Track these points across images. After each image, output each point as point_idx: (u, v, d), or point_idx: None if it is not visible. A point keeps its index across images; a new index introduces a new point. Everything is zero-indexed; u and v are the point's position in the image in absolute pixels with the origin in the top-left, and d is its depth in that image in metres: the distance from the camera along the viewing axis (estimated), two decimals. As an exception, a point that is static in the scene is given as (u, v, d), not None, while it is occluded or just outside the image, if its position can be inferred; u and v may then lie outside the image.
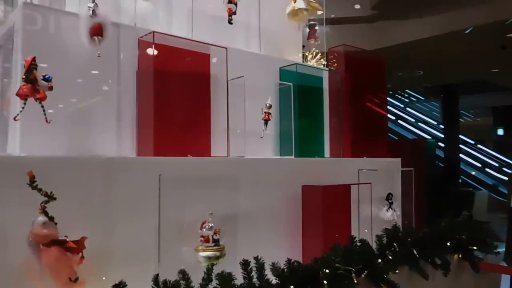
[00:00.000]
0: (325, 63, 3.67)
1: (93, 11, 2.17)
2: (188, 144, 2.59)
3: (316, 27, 3.86)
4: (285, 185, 2.79)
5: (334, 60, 3.62)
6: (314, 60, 3.68)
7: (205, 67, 2.73)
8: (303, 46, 3.82)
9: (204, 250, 2.22)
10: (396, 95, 17.87)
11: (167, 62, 2.51)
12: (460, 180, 12.85)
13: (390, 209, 3.32)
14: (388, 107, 17.07)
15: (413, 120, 17.08)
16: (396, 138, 14.54)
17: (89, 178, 2.06)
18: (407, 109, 17.96)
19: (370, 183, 3.01)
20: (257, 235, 2.62)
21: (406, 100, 18.44)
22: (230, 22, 2.97)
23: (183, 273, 2.03)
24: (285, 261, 2.21)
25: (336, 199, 2.79)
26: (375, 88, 3.83)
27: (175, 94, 2.54)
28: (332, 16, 9.32)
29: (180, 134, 2.55)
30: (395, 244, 2.91)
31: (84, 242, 1.89)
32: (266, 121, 2.87)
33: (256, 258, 2.16)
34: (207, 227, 2.25)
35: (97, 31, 2.18)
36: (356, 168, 3.28)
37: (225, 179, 2.55)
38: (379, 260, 2.61)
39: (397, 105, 17.50)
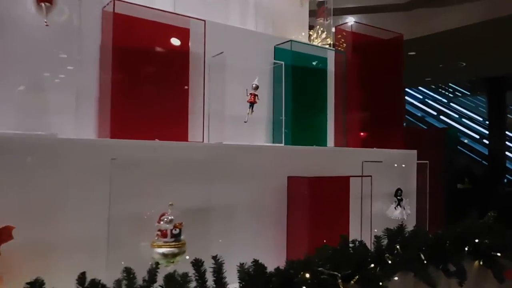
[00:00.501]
0: (331, 42, 3.30)
1: (41, -25, 1.94)
2: (161, 128, 2.33)
3: (326, 5, 3.50)
4: (269, 176, 2.47)
5: (342, 40, 3.25)
6: (320, 39, 3.32)
7: (183, 43, 2.46)
8: (312, 27, 3.46)
9: (160, 246, 1.95)
10: (440, 90, 16.96)
11: (132, 36, 2.25)
12: (505, 180, 11.97)
13: (399, 206, 2.93)
14: (430, 101, 16.24)
15: (457, 116, 16.16)
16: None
17: (29, 160, 1.84)
18: (451, 104, 17.01)
19: (371, 176, 2.63)
20: (233, 232, 2.33)
21: (451, 95, 17.48)
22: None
23: (128, 272, 1.76)
24: (251, 262, 1.90)
25: (328, 193, 2.44)
26: (390, 72, 3.41)
27: (142, 72, 2.29)
28: (366, 4, 8.86)
29: (147, 116, 2.28)
30: (398, 246, 2.53)
31: (11, 232, 1.67)
32: (251, 104, 2.55)
33: (214, 258, 1.86)
34: (165, 219, 1.98)
35: (45, -3, 1.95)
36: (361, 159, 2.91)
37: (198, 167, 2.26)
38: (372, 265, 2.24)
39: (440, 100, 16.59)
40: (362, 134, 3.32)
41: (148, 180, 2.08)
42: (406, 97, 15.75)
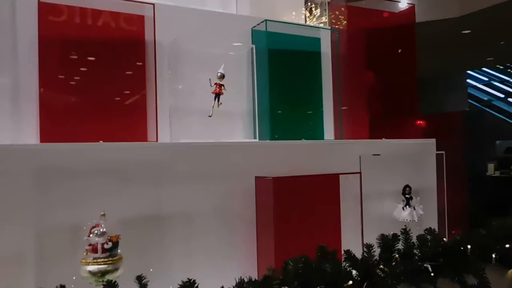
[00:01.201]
0: (326, 21, 2.89)
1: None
2: (110, 128, 2.09)
3: (326, -20, 3.09)
4: (238, 178, 2.15)
5: (342, 17, 2.83)
6: (315, 18, 2.92)
7: (137, 31, 2.20)
8: (313, 8, 3.06)
9: (88, 263, 1.70)
10: (508, 70, 15.46)
11: (67, 27, 2.03)
12: None
13: (407, 206, 2.48)
14: (495, 83, 14.84)
15: (528, 97, 14.67)
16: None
17: None
18: (521, 83, 15.47)
19: (360, 172, 2.21)
20: (193, 241, 2.03)
21: (520, 75, 15.90)
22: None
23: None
24: (185, 281, 1.60)
25: (306, 195, 2.07)
26: (399, 51, 2.94)
27: (83, 67, 2.06)
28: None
29: (92, 116, 2.05)
30: (397, 256, 2.11)
31: None
32: (217, 95, 2.24)
33: (139, 278, 1.58)
34: (96, 232, 1.73)
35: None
36: (363, 153, 2.49)
37: (151, 170, 1.99)
38: (351, 282, 1.85)
39: (508, 81, 15.14)
40: (371, 123, 2.89)
41: (89, 188, 1.85)
42: (469, 80, 14.53)
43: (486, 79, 14.88)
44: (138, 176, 1.95)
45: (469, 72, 14.04)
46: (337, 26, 2.79)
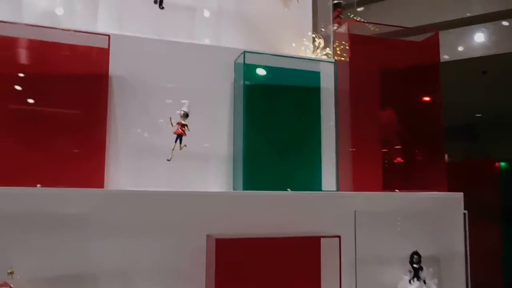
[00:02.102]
0: (327, 52, 2.52)
1: None
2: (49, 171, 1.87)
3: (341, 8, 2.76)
4: (190, 234, 1.81)
5: (348, 47, 2.45)
6: (319, 50, 2.56)
7: (99, 64, 2.00)
8: (315, 38, 2.71)
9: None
10: None
11: (16, 60, 1.87)
12: None
13: (416, 279, 1.98)
14: None
15: None
16: None
17: None
18: None
19: (339, 236, 1.77)
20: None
21: None
22: (160, 6, 2.21)
23: None
24: None
25: (269, 261, 1.68)
26: (419, 86, 2.49)
27: (29, 101, 1.88)
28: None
29: (31, 157, 1.85)
30: None
31: None
32: (179, 136, 1.95)
33: None
34: (-3, 296, 1.48)
35: None
36: (354, 208, 2.06)
37: (86, 221, 1.73)
38: None
39: None
40: (384, 172, 2.43)
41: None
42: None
43: None
44: (63, 225, 1.68)
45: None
46: (343, 58, 2.41)
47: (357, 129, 2.33)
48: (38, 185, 1.76)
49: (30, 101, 1.87)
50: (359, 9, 6.10)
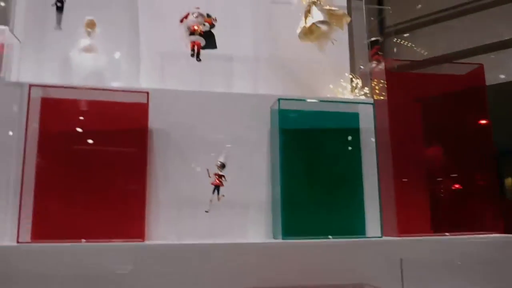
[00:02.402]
0: (365, 92, 2.48)
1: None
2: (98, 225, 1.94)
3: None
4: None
5: (388, 86, 2.41)
6: (357, 90, 2.53)
7: (139, 119, 2.09)
8: (353, 78, 2.69)
9: None
10: None
11: (62, 120, 2.00)
12: None
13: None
14: None
15: None
16: None
17: None
18: None
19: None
20: None
21: None
22: (197, 59, 2.29)
23: None
24: None
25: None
26: (464, 115, 2.39)
27: (79, 158, 1.99)
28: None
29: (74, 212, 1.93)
30: None
31: None
32: (216, 187, 1.98)
33: None
34: None
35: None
36: (400, 255, 1.97)
37: (129, 274, 1.77)
38: None
39: None
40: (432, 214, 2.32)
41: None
42: None
43: None
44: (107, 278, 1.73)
45: None
46: (382, 97, 2.37)
47: (400, 169, 2.25)
48: (83, 240, 1.84)
49: (74, 157, 1.97)
50: (405, 35, 6.00)
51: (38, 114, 2.01)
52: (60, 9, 2.31)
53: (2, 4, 2.23)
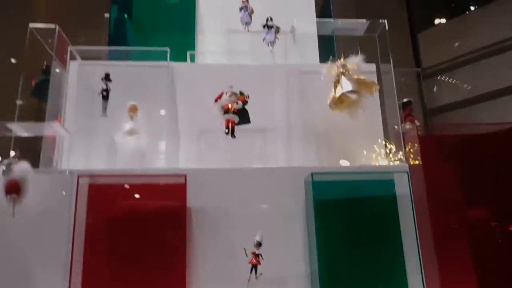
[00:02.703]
0: (400, 157, 2.47)
1: (8, 165, 2.04)
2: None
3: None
4: None
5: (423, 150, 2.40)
6: (391, 155, 2.53)
7: (178, 199, 2.19)
8: (386, 144, 2.69)
9: None
10: None
11: (106, 205, 2.13)
12: None
13: None
14: None
15: None
16: None
17: None
18: None
19: None
20: None
21: None
22: (232, 136, 2.41)
23: None
24: None
25: None
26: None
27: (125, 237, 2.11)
28: None
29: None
30: None
31: None
32: (254, 266, 2.01)
33: None
34: None
35: (12, 188, 2.04)
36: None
37: None
38: None
39: None
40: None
41: None
42: None
43: None
44: None
45: None
46: (417, 162, 2.35)
47: (440, 235, 2.20)
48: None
49: (118, 238, 2.09)
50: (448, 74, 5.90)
51: (85, 199, 2.16)
52: (105, 98, 2.51)
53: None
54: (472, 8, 6.19)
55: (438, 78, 6.12)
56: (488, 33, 5.66)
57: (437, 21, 6.45)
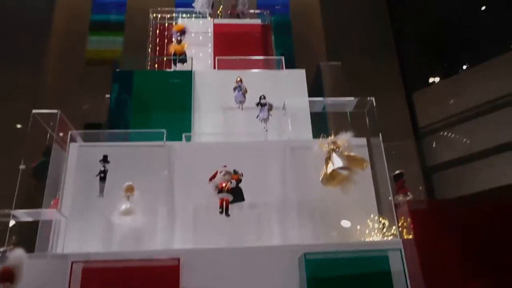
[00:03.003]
0: (392, 232, 2.48)
1: (3, 252, 2.07)
2: None
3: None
4: None
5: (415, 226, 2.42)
6: (385, 229, 2.54)
7: (171, 281, 2.19)
8: (381, 219, 2.71)
9: None
10: None
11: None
12: None
13: None
14: None
15: None
16: None
17: None
18: None
19: None
20: None
21: None
22: (226, 214, 2.45)
23: None
24: None
25: None
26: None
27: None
28: None
29: None
30: None
31: None
32: None
33: None
34: None
35: (6, 277, 2.04)
36: None
37: None
38: None
39: None
40: None
41: None
42: None
43: None
44: None
45: None
46: (411, 236, 2.36)
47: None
48: None
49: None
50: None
51: (79, 284, 2.16)
52: (103, 179, 2.58)
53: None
54: (464, 67, 6.38)
55: (436, 135, 6.20)
56: (483, 92, 5.78)
57: (431, 79, 6.64)
